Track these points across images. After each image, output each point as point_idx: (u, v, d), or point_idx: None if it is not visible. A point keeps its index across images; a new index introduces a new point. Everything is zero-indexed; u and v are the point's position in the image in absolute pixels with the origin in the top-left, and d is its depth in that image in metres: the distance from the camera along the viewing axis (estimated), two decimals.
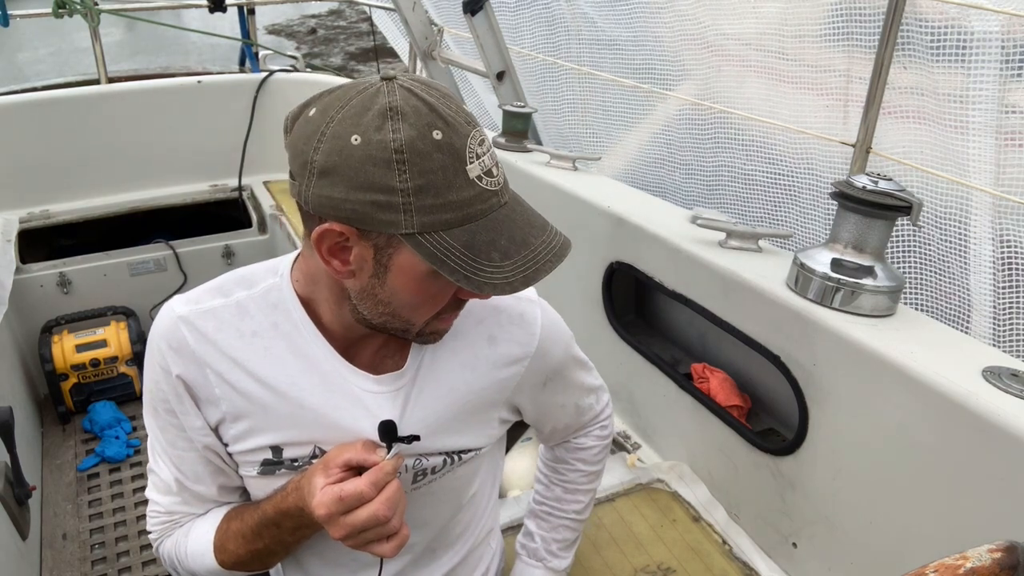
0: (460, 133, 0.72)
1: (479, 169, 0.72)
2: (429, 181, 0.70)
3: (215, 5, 3.66)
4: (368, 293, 0.79)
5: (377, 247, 0.75)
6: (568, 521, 1.21)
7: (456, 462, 0.97)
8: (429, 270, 0.74)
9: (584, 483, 1.20)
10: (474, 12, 2.62)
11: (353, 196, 0.71)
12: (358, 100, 0.71)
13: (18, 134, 2.77)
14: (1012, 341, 1.82)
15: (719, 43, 2.36)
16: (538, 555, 1.22)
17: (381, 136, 0.69)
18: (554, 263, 0.75)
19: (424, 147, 0.69)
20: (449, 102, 0.73)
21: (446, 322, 0.86)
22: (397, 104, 0.70)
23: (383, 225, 0.72)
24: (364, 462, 0.82)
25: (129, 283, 2.80)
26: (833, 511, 1.41)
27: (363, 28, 12.30)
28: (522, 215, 0.77)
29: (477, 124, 0.75)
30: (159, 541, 1.00)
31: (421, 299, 0.80)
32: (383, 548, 0.81)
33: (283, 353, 0.88)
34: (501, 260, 0.73)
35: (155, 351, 0.89)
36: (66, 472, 2.32)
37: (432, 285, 0.77)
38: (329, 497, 0.79)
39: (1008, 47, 1.67)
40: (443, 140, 0.70)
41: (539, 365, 0.99)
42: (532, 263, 0.74)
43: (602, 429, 1.18)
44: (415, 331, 0.84)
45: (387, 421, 0.85)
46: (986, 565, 0.55)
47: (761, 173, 2.32)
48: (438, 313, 0.82)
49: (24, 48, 10.47)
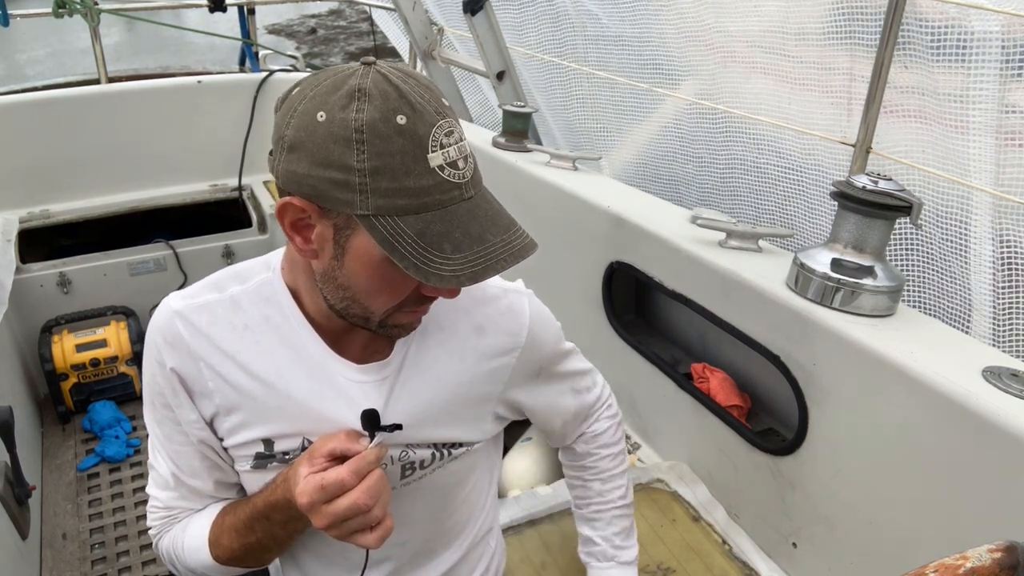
0: (426, 121, 0.71)
1: (442, 159, 0.72)
2: (386, 164, 0.70)
3: (215, 5, 3.66)
4: (329, 276, 0.80)
5: (336, 227, 0.75)
6: (617, 510, 1.21)
7: (446, 456, 0.97)
8: (384, 256, 0.73)
9: (615, 467, 1.20)
10: (474, 12, 2.63)
11: (314, 172, 0.72)
12: (332, 80, 0.73)
13: (18, 134, 2.77)
14: (1012, 341, 1.82)
15: (721, 41, 2.36)
16: (606, 555, 1.22)
17: (344, 115, 0.70)
18: (509, 262, 0.73)
19: (385, 130, 0.70)
20: (424, 92, 0.73)
21: (409, 316, 0.84)
22: (366, 86, 0.71)
23: (340, 204, 0.72)
24: (347, 451, 0.82)
25: (129, 283, 2.80)
26: (833, 511, 1.41)
27: (363, 28, 12.30)
28: (487, 212, 0.76)
29: (450, 116, 0.74)
30: (158, 536, 1.01)
31: (377, 285, 0.79)
32: (366, 539, 0.81)
33: (273, 346, 0.89)
34: (452, 252, 0.72)
35: (152, 345, 0.90)
36: (66, 472, 2.32)
37: (388, 272, 0.76)
38: (311, 486, 0.79)
39: (1008, 47, 1.67)
40: (406, 125, 0.70)
41: (530, 356, 0.99)
42: (484, 259, 0.72)
43: (608, 408, 1.19)
44: (376, 320, 0.83)
45: (369, 410, 0.85)
46: (986, 565, 0.55)
47: (771, 167, 2.32)
48: (400, 305, 0.81)
49: (24, 48, 10.47)
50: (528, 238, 0.77)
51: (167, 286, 2.80)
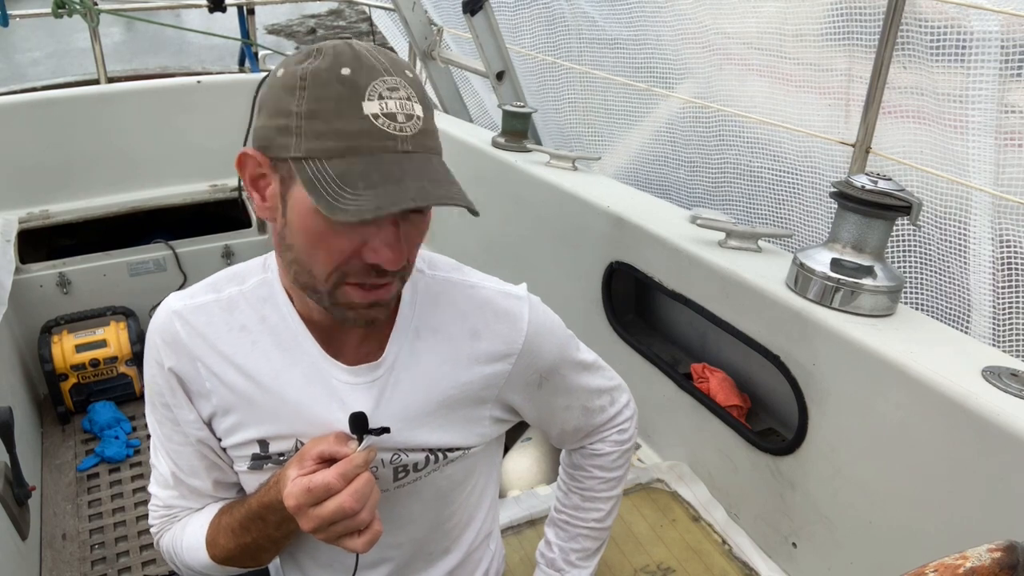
0: (369, 75, 0.72)
1: (378, 108, 0.72)
2: (321, 107, 0.72)
3: (215, 5, 3.65)
4: (281, 237, 0.80)
5: (282, 180, 0.76)
6: (587, 530, 1.16)
7: (441, 460, 0.95)
8: (314, 205, 0.71)
9: (603, 490, 1.14)
10: (474, 12, 2.63)
11: (267, 122, 0.75)
12: (304, 50, 0.77)
13: (18, 134, 2.77)
14: (1012, 341, 1.82)
15: (719, 42, 2.36)
16: (556, 565, 1.18)
17: (296, 68, 0.74)
18: (420, 202, 0.70)
19: (327, 77, 0.72)
20: (383, 57, 0.75)
21: (361, 293, 0.79)
22: (326, 47, 0.74)
23: (280, 149, 0.74)
24: (335, 454, 0.81)
25: (129, 283, 2.80)
26: (833, 511, 1.41)
27: (363, 28, 12.30)
28: (422, 167, 0.73)
29: (407, 78, 0.74)
30: (159, 535, 1.01)
31: (312, 240, 0.76)
32: (354, 543, 0.80)
33: (269, 347, 0.89)
34: (364, 189, 0.70)
35: (151, 345, 0.91)
36: (66, 472, 2.32)
37: (319, 223, 0.74)
38: (298, 488, 0.78)
39: (1008, 47, 1.66)
40: (348, 76, 0.72)
41: (529, 363, 0.96)
42: (393, 197, 0.69)
43: (620, 433, 1.12)
44: (324, 291, 0.79)
45: (357, 413, 0.84)
46: (986, 565, 0.55)
47: (765, 171, 2.32)
48: (343, 272, 0.77)
49: (24, 49, 10.47)
50: (461, 194, 0.73)
51: (167, 286, 2.80)
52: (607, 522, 1.17)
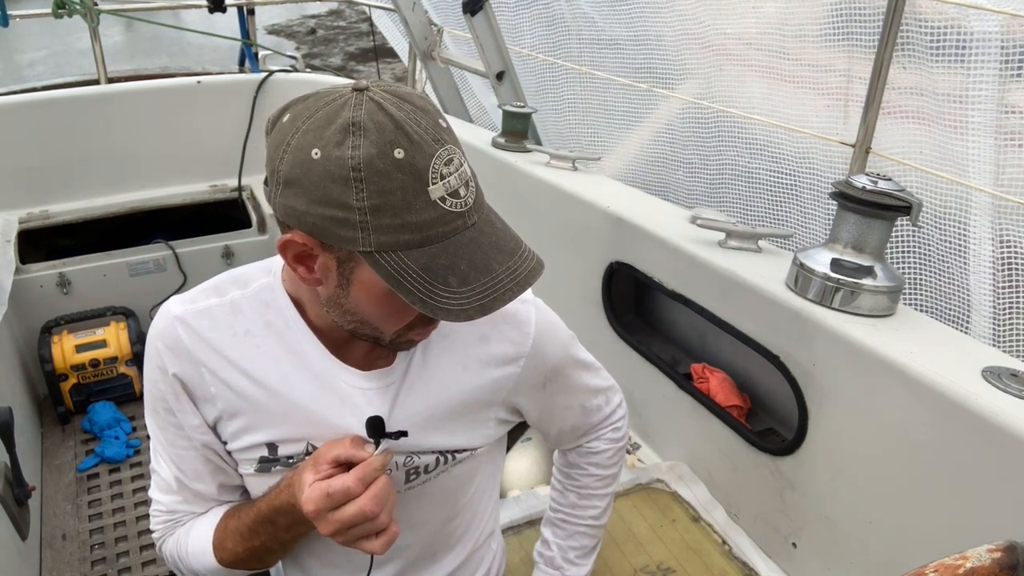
0: (424, 152, 0.69)
1: (443, 190, 0.70)
2: (387, 201, 0.68)
3: (215, 5, 3.66)
4: (335, 302, 0.80)
5: (339, 260, 0.75)
6: (584, 528, 1.18)
7: (450, 461, 0.97)
8: (389, 289, 0.72)
9: (599, 488, 1.17)
10: (474, 12, 2.63)
11: (314, 210, 0.70)
12: (324, 112, 0.70)
13: (18, 134, 2.77)
14: (1012, 341, 1.83)
15: (720, 42, 2.36)
16: (555, 563, 1.20)
17: (340, 152, 0.68)
18: (515, 292, 0.73)
19: (383, 166, 0.68)
20: (420, 117, 0.70)
21: (419, 335, 0.85)
22: (360, 119, 0.68)
23: (342, 240, 0.71)
24: (352, 458, 0.82)
25: (129, 283, 2.80)
26: (832, 511, 1.41)
27: (363, 28, 12.30)
28: (490, 238, 0.75)
29: (448, 142, 0.72)
30: (162, 540, 1.01)
31: (385, 313, 0.79)
32: (372, 545, 0.81)
33: (275, 351, 0.89)
34: (459, 286, 0.71)
35: (152, 351, 0.90)
36: (66, 472, 2.32)
37: (395, 301, 0.76)
38: (317, 493, 0.79)
39: (1008, 47, 1.67)
40: (404, 159, 0.68)
41: (536, 365, 0.98)
42: (491, 291, 0.72)
43: (614, 431, 1.15)
44: (386, 339, 0.83)
45: (375, 417, 0.84)
46: (986, 565, 0.55)
47: (764, 171, 2.32)
48: (410, 326, 0.82)
49: (23, 49, 10.47)
50: (534, 260, 0.76)
51: (167, 287, 2.80)
52: (603, 519, 1.20)
